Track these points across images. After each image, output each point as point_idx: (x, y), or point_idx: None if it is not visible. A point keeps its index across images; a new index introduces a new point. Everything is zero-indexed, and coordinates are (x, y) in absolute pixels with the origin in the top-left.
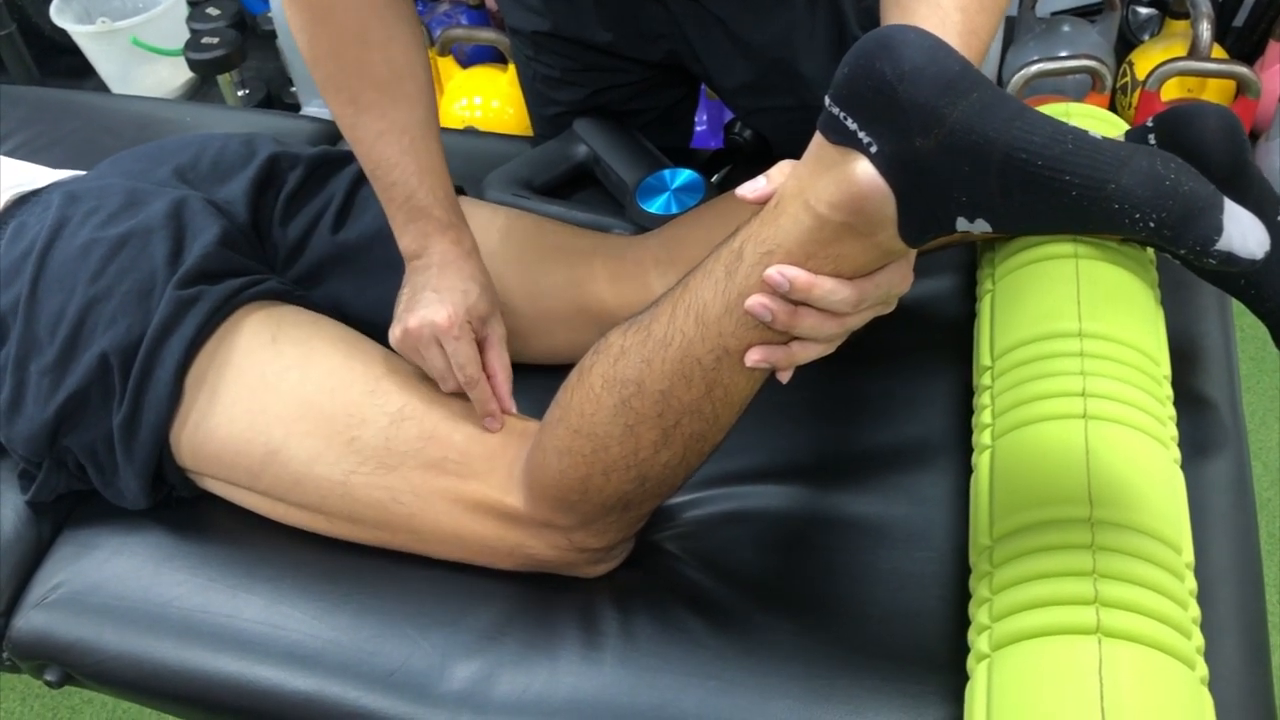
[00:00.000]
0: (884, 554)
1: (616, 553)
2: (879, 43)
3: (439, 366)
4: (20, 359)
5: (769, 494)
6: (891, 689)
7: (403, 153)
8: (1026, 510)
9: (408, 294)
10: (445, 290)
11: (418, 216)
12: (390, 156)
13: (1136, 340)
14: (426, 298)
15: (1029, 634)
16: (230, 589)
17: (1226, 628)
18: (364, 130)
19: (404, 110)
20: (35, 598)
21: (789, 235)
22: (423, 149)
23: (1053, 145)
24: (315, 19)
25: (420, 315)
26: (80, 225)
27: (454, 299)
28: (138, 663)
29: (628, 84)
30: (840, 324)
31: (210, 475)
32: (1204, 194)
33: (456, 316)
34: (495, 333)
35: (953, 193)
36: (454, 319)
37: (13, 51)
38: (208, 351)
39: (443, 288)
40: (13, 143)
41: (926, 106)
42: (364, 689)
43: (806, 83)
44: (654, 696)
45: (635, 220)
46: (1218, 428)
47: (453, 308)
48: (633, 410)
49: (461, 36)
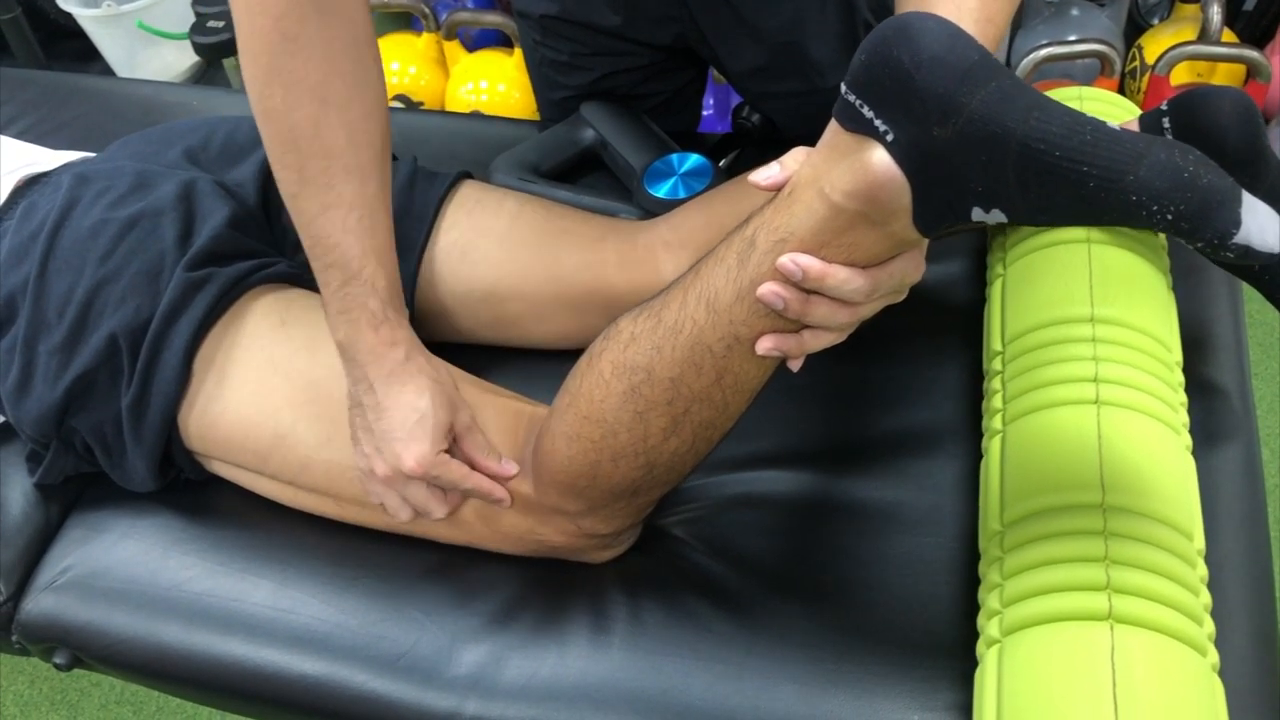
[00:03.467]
0: (893, 539)
1: (624, 538)
2: (897, 30)
3: (424, 500)
4: (29, 339)
5: (778, 479)
6: (900, 674)
7: (346, 232)
8: (1038, 496)
9: (359, 422)
10: (399, 424)
11: (350, 306)
12: (332, 235)
13: (1149, 326)
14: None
15: (1040, 619)
16: (239, 572)
17: (1236, 615)
18: (307, 201)
19: (355, 184)
20: (44, 581)
21: (803, 223)
22: (368, 228)
23: (1071, 136)
24: (271, 69)
25: (386, 462)
26: (90, 206)
27: (415, 432)
28: (146, 646)
29: (636, 68)
30: (852, 313)
31: (218, 458)
32: (1222, 187)
33: (425, 458)
34: (462, 426)
35: (969, 183)
36: (423, 462)
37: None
38: (216, 334)
39: (395, 423)
40: (19, 126)
41: (944, 95)
42: (372, 672)
43: (816, 67)
44: (662, 681)
45: (642, 205)
46: (1228, 414)
47: (418, 447)
48: (642, 397)
49: (468, 20)
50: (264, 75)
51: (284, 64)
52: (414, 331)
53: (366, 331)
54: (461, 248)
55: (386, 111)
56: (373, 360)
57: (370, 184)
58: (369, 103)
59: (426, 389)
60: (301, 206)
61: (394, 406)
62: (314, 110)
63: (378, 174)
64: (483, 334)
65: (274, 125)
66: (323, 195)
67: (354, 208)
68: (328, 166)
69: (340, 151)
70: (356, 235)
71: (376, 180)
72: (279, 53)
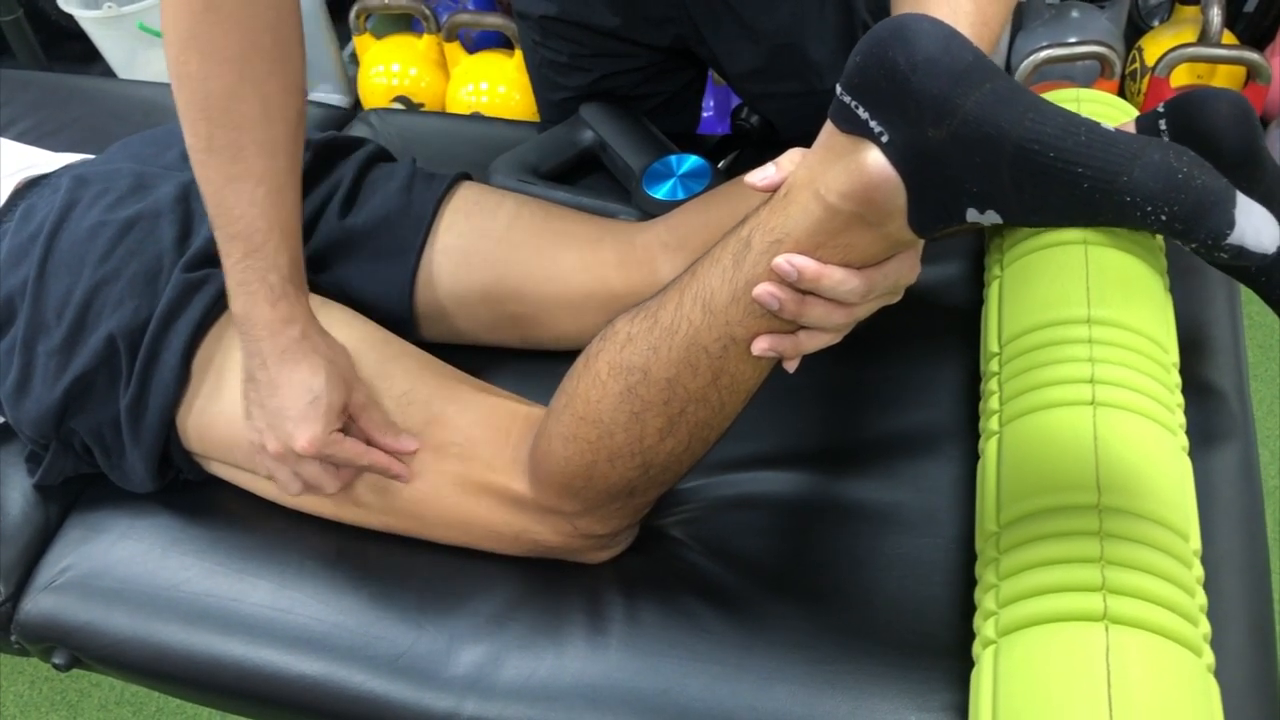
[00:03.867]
0: (889, 540)
1: (621, 539)
2: (892, 32)
3: (316, 476)
4: (28, 340)
5: (774, 480)
6: (896, 675)
7: (252, 205)
8: (1034, 497)
9: (253, 397)
10: (292, 403)
11: (249, 279)
12: (237, 207)
13: (1145, 327)
14: (278, 415)
15: (1035, 620)
16: (237, 573)
17: (1233, 615)
18: (214, 171)
19: (265, 158)
20: (43, 581)
21: (798, 224)
22: (275, 203)
23: (1065, 137)
24: (190, 35)
25: (278, 440)
26: (89, 208)
27: (308, 413)
28: (145, 646)
29: (635, 69)
30: (848, 314)
31: (217, 458)
32: (1216, 188)
33: (318, 438)
34: (358, 405)
35: (964, 184)
36: (315, 442)
37: (20, 37)
38: (214, 335)
39: (288, 402)
40: (20, 127)
41: (939, 97)
42: (370, 672)
43: (814, 68)
44: (659, 681)
45: (641, 206)
46: (1225, 416)
47: (311, 428)
48: (638, 397)
49: (468, 21)
50: (181, 41)
51: (203, 32)
52: (313, 310)
53: (264, 306)
54: (460, 249)
55: (304, 89)
56: (268, 336)
57: (280, 159)
58: (287, 79)
59: (321, 368)
60: (208, 175)
61: (287, 385)
62: (230, 82)
63: (289, 150)
64: (481, 335)
65: (187, 91)
66: (230, 166)
67: (262, 181)
68: (238, 138)
69: (253, 125)
70: (262, 209)
71: (287, 155)
72: (200, 21)
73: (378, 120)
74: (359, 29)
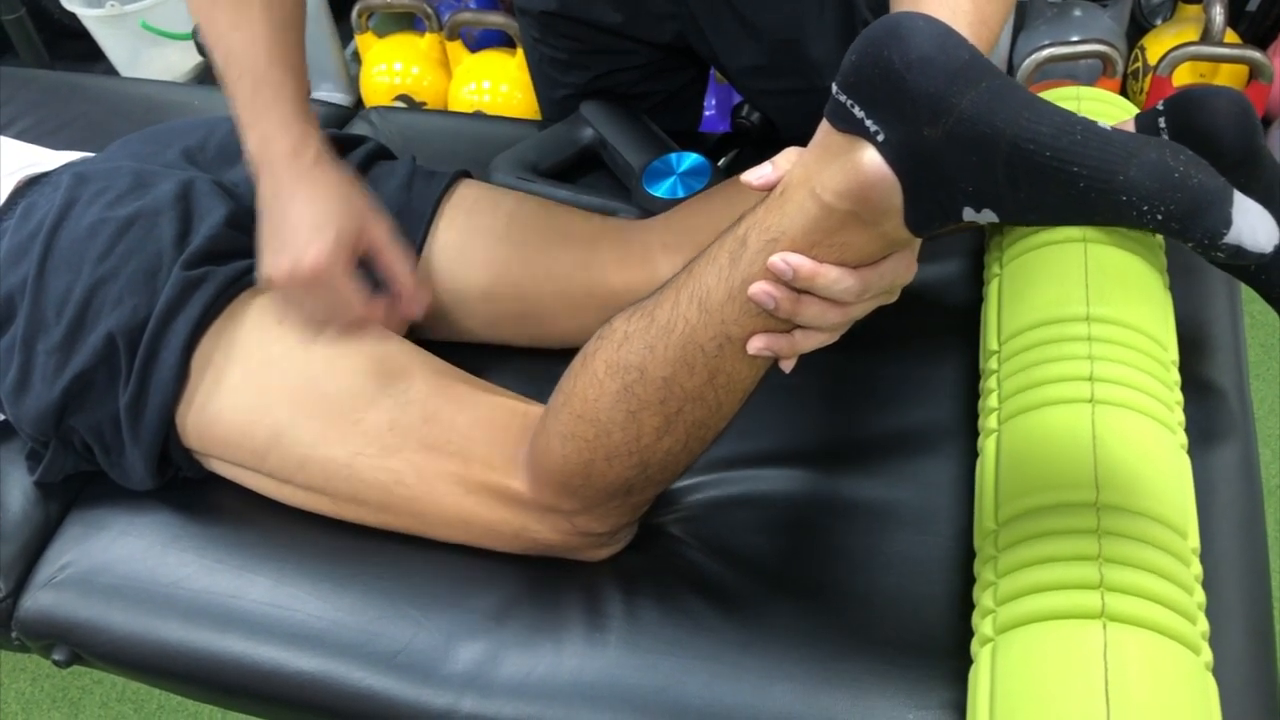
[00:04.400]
0: (888, 538)
1: (620, 537)
2: (888, 30)
3: (323, 308)
4: (27, 338)
5: (773, 478)
6: (895, 672)
7: (254, 42)
8: (1032, 495)
9: (267, 229)
10: (306, 224)
11: (260, 115)
12: (239, 47)
13: (1145, 325)
14: (293, 234)
15: (1033, 618)
16: (236, 570)
17: (1231, 613)
18: (218, 22)
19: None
20: (43, 578)
21: (794, 223)
22: (279, 41)
23: (1061, 136)
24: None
25: (288, 260)
26: (88, 206)
27: (316, 235)
28: (144, 643)
29: (635, 66)
30: (843, 313)
31: (216, 456)
32: (1213, 187)
33: (322, 256)
34: (378, 236)
35: (960, 183)
36: (319, 260)
37: (22, 35)
38: (214, 333)
39: (302, 223)
40: (22, 125)
41: (935, 95)
42: (369, 669)
43: (815, 65)
44: (658, 679)
45: (641, 204)
46: (1225, 414)
47: (320, 243)
48: (635, 396)
49: (470, 20)
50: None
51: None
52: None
53: (277, 136)
54: (459, 247)
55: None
56: (282, 163)
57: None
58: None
59: (334, 194)
60: (212, 28)
61: (301, 208)
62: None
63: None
64: (480, 333)
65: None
66: (233, 14)
67: (266, 23)
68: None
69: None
70: (266, 46)
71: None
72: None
73: (378, 118)
74: (361, 28)
